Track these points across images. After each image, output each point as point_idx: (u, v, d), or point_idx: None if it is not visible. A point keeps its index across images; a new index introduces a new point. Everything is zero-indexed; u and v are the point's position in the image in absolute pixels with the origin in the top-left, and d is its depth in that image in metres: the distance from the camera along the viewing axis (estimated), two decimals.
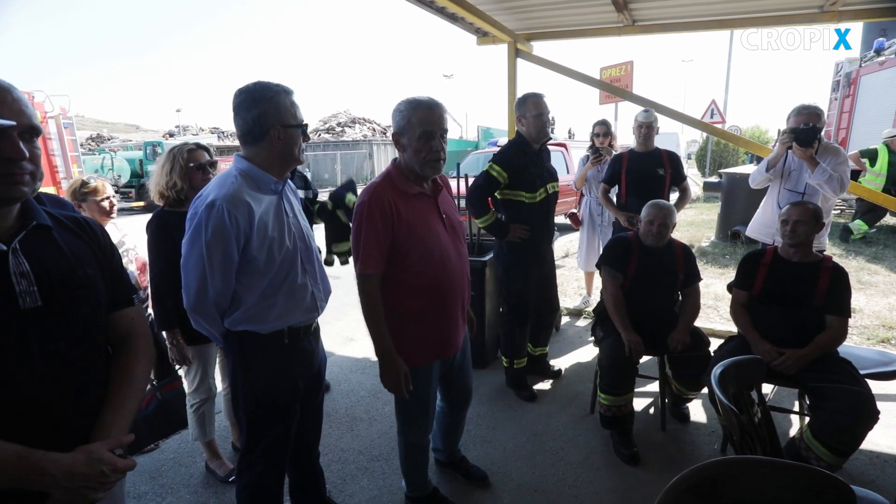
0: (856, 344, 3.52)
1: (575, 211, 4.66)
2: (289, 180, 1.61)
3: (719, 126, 11.39)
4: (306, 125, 1.53)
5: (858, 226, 6.69)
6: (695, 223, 8.79)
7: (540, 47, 4.72)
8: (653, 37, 4.46)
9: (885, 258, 5.90)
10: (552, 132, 2.90)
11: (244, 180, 1.44)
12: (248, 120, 1.43)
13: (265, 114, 1.42)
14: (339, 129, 27.45)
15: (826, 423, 1.99)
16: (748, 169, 7.71)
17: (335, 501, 2.12)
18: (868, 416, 1.92)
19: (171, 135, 25.36)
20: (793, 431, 2.54)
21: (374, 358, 1.72)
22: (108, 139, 31.77)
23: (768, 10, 3.87)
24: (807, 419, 2.16)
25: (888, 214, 7.24)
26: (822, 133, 2.74)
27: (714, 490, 1.05)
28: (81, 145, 15.22)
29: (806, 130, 2.67)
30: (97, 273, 1.07)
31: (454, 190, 2.56)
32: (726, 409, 1.43)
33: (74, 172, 7.58)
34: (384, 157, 23.41)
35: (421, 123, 1.58)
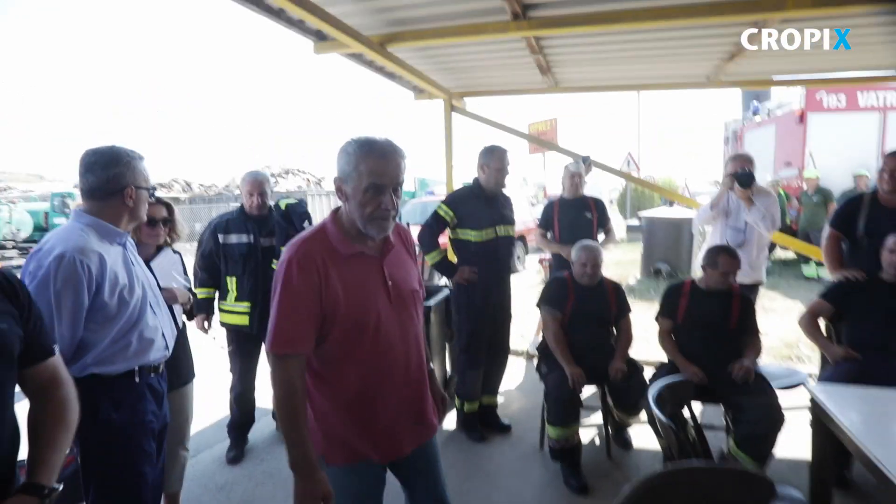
0: (764, 362, 3.92)
1: (545, 257, 4.71)
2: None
3: (635, 175, 12.59)
4: (154, 188, 1.72)
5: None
6: (621, 263, 9.44)
7: (473, 102, 5.10)
8: (575, 95, 5.02)
9: (780, 286, 6.71)
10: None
11: (92, 232, 1.53)
12: (102, 178, 1.53)
13: (122, 174, 1.54)
14: (272, 179, 26.99)
15: (746, 434, 2.22)
16: (663, 212, 8.53)
17: None
18: (778, 422, 2.18)
19: None
20: (722, 446, 2.75)
21: None
22: (4, 189, 28.93)
23: (667, 77, 4.51)
24: (731, 437, 2.37)
25: (777, 248, 8.24)
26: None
27: (660, 499, 1.16)
28: None
29: (745, 174, 3.11)
30: (13, 328, 1.05)
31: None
32: (665, 427, 1.57)
33: None
34: (319, 209, 22.98)
35: (370, 174, 1.25)
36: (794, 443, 2.53)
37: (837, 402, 1.75)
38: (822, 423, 1.80)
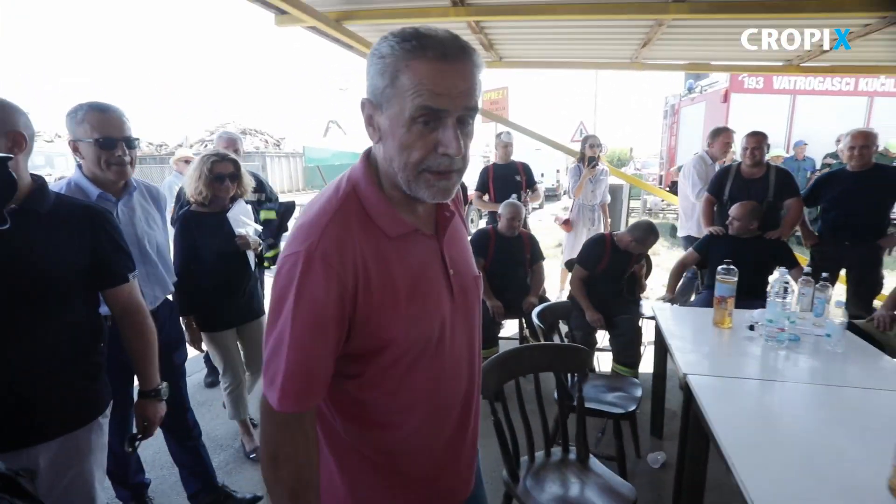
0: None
1: (568, 217, 4.92)
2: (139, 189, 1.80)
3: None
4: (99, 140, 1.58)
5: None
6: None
7: None
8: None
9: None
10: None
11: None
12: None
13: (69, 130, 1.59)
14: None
15: (620, 347, 2.91)
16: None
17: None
18: (638, 332, 2.90)
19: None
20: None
21: None
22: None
23: (598, 57, 5.07)
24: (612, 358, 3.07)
25: None
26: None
27: (509, 366, 1.74)
28: None
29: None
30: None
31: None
32: (536, 327, 2.20)
33: None
34: (279, 172, 19.87)
35: (420, 89, 0.70)
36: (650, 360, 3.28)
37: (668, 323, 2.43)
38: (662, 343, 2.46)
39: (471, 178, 4.97)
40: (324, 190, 0.84)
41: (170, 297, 2.01)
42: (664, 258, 7.01)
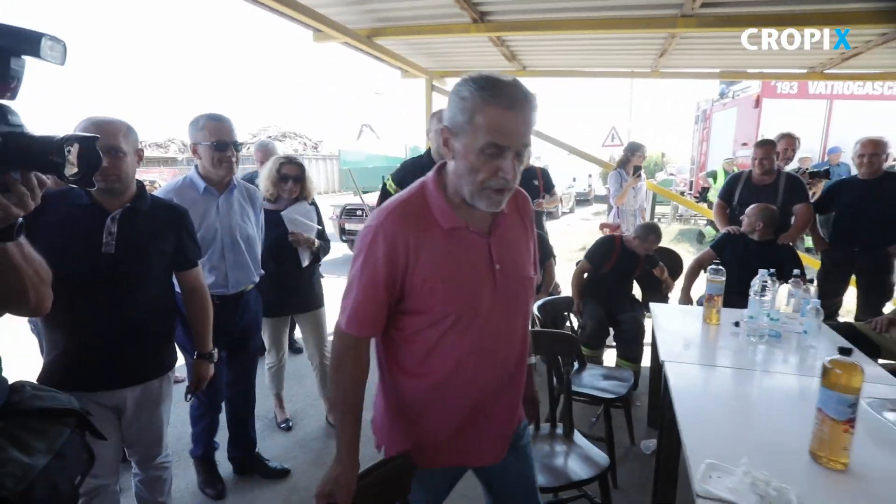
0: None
1: (607, 222, 5.07)
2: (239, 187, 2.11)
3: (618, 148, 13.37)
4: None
5: (709, 231, 8.40)
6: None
7: (454, 82, 5.78)
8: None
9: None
10: None
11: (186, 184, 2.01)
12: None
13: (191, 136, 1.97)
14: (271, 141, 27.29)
15: (623, 343, 3.08)
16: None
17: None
18: (642, 329, 3.05)
19: None
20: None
21: None
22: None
23: (620, 66, 5.22)
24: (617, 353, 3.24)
25: None
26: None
27: None
28: None
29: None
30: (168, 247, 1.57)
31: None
32: (533, 316, 2.41)
33: None
34: (316, 174, 22.75)
35: (490, 130, 0.95)
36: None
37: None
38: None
39: None
40: (407, 187, 1.13)
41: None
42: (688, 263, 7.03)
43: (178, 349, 1.77)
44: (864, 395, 1.45)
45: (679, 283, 3.44)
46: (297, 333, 3.81)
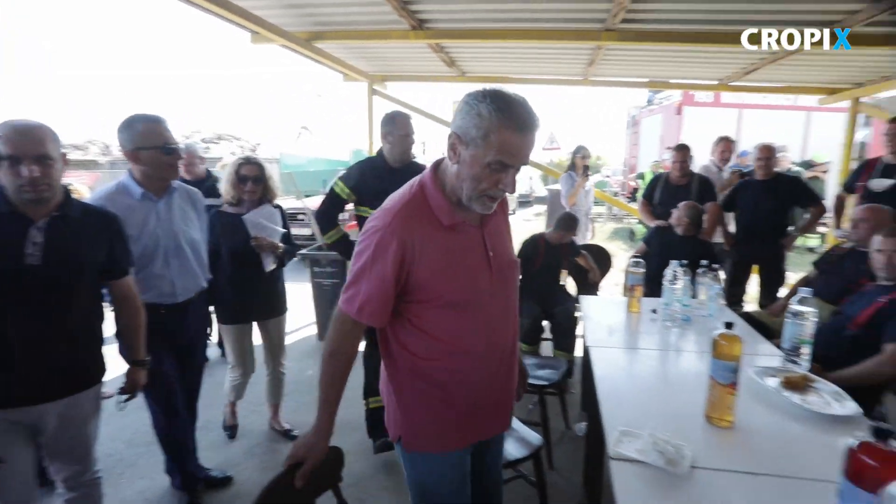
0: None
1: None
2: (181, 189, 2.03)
3: (556, 151, 13.94)
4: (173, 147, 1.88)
5: (639, 230, 9.00)
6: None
7: (404, 86, 5.86)
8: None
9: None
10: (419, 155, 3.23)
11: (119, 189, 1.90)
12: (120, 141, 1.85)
13: (125, 139, 1.84)
14: (203, 145, 26.03)
15: (558, 335, 3.28)
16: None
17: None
18: (574, 319, 3.26)
19: None
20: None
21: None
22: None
23: (553, 74, 5.49)
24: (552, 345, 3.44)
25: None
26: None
27: None
28: None
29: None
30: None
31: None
32: None
33: None
34: None
35: (501, 150, 1.05)
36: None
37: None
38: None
39: None
40: (403, 187, 1.21)
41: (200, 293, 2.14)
42: (622, 260, 7.46)
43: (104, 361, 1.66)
44: (752, 366, 1.71)
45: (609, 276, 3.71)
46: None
